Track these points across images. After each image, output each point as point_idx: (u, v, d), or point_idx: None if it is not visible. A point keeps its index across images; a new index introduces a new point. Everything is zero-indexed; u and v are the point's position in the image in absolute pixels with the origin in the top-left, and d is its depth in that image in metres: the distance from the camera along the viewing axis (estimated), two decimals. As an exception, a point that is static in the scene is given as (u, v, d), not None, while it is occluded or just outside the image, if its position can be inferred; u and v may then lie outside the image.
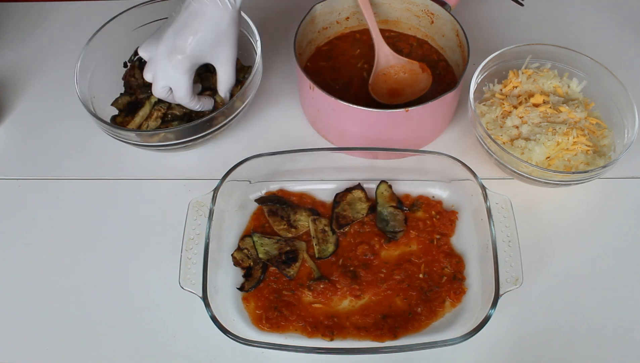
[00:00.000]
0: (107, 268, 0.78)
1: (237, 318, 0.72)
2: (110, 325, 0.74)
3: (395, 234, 0.77)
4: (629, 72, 0.86)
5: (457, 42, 0.87)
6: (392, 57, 0.89)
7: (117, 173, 0.86)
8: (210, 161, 0.86)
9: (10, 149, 0.90)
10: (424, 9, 0.91)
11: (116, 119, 0.86)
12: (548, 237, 0.78)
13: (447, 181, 0.80)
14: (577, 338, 0.71)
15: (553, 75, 0.84)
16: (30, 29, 1.04)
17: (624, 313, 0.73)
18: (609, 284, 0.75)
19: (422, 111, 0.78)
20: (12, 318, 0.75)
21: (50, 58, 1.00)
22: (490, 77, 0.85)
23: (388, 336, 0.70)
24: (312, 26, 0.90)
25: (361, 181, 0.81)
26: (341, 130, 0.84)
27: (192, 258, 0.71)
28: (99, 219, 0.82)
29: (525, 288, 0.70)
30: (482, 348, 0.71)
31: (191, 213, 0.74)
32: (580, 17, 1.03)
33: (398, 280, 0.74)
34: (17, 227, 0.82)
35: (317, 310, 0.72)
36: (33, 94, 0.96)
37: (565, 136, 0.77)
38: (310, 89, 0.80)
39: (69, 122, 0.91)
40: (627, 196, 0.82)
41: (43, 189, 0.85)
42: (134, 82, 0.87)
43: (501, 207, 0.73)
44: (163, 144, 0.79)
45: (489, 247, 0.70)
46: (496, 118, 0.82)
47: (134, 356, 0.72)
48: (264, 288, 0.74)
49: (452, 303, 0.72)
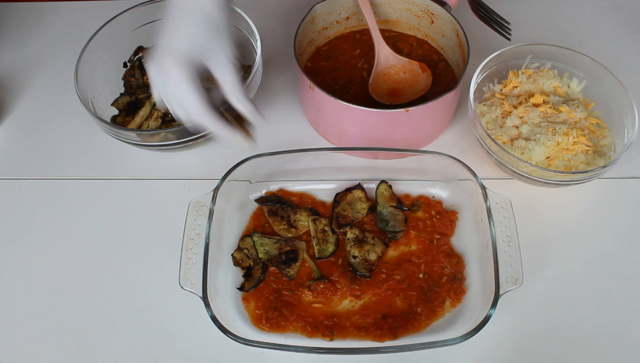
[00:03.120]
0: (107, 268, 0.78)
1: (237, 318, 0.72)
2: (110, 325, 0.74)
3: (395, 234, 0.77)
4: (629, 72, 0.86)
5: (457, 42, 0.87)
6: (392, 57, 0.89)
7: (117, 173, 0.86)
8: (210, 161, 0.86)
9: (10, 149, 0.90)
10: (424, 9, 0.91)
11: (116, 119, 0.86)
12: (548, 237, 0.78)
13: (447, 181, 0.80)
14: (577, 338, 0.71)
15: (553, 75, 0.84)
16: (30, 29, 1.04)
17: (624, 313, 0.73)
18: (609, 284, 0.75)
19: (422, 111, 0.78)
20: (12, 318, 0.75)
21: (50, 58, 1.00)
22: (490, 77, 0.85)
23: (388, 336, 0.70)
24: (312, 26, 0.90)
25: (361, 181, 0.81)
26: (341, 130, 0.84)
27: (192, 258, 0.71)
28: (98, 219, 0.82)
29: (525, 288, 0.70)
30: (482, 348, 0.71)
31: (191, 213, 0.74)
32: (580, 17, 1.03)
33: (398, 280, 0.74)
34: (17, 227, 0.82)
35: (317, 310, 0.72)
36: (33, 94, 0.96)
37: (565, 136, 0.77)
38: (310, 89, 0.80)
39: (69, 122, 0.91)
40: (627, 196, 0.82)
41: (43, 189, 0.85)
42: (134, 82, 0.87)
43: (501, 207, 0.73)
44: (163, 144, 0.79)
45: (489, 247, 0.70)
46: (496, 118, 0.82)
47: (134, 356, 0.72)
48: (264, 288, 0.74)
49: (452, 303, 0.72)
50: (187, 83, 0.63)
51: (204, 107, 0.64)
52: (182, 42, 0.63)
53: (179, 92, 0.63)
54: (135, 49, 0.91)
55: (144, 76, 0.87)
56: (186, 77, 0.63)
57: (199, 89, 0.64)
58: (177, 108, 0.66)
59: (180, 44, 0.63)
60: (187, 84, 0.63)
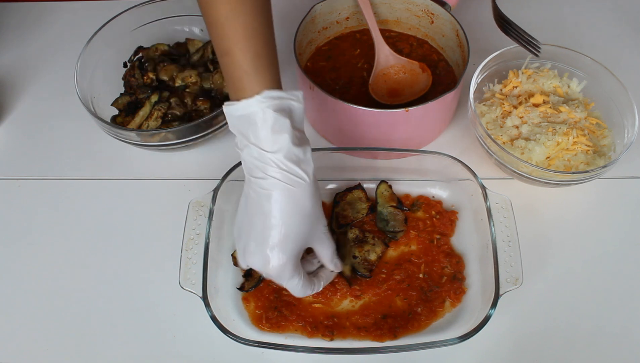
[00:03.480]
0: (107, 268, 0.78)
1: (237, 318, 0.72)
2: (110, 325, 0.74)
3: (395, 234, 0.77)
4: (629, 72, 0.86)
5: (457, 42, 0.87)
6: (392, 57, 0.89)
7: (117, 173, 0.86)
8: (210, 161, 0.86)
9: (10, 149, 0.90)
10: (424, 9, 0.91)
11: (116, 119, 0.86)
12: (548, 237, 0.78)
13: (447, 181, 0.80)
14: (577, 339, 0.71)
15: (553, 75, 0.84)
16: (30, 29, 1.04)
17: (624, 313, 0.73)
18: (609, 284, 0.75)
19: (422, 111, 0.78)
20: (12, 318, 0.75)
21: (50, 58, 1.00)
22: (490, 77, 0.85)
23: (388, 336, 0.70)
24: (312, 26, 0.90)
25: (361, 181, 0.81)
26: (341, 130, 0.84)
27: (192, 258, 0.71)
28: (98, 219, 0.82)
29: (525, 288, 0.70)
30: (482, 348, 0.71)
31: (191, 213, 0.74)
32: (580, 17, 1.03)
33: (398, 280, 0.74)
34: (17, 227, 0.82)
35: (317, 310, 0.72)
36: (33, 94, 0.96)
37: (565, 136, 0.77)
38: (310, 89, 0.80)
39: (69, 122, 0.91)
40: (627, 196, 0.82)
41: (43, 189, 0.85)
42: (134, 82, 0.87)
43: (501, 207, 0.73)
44: (163, 144, 0.79)
45: (489, 247, 0.70)
46: (496, 118, 0.82)
47: (134, 356, 0.72)
48: (264, 288, 0.74)
49: (452, 303, 0.72)
50: (291, 271, 0.63)
51: (305, 287, 0.66)
52: (287, 242, 0.62)
53: (282, 275, 0.64)
54: (135, 49, 0.91)
55: (144, 76, 0.87)
56: (292, 266, 0.63)
57: (300, 272, 0.65)
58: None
59: (285, 244, 0.62)
60: (290, 272, 0.64)
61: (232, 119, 0.60)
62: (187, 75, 0.86)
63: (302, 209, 0.61)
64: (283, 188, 0.60)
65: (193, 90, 0.86)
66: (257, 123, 0.58)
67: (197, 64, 0.89)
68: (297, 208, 0.61)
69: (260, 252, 0.62)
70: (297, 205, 0.61)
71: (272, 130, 0.58)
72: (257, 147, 0.59)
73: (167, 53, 0.91)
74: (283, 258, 0.62)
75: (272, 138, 0.58)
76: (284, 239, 0.61)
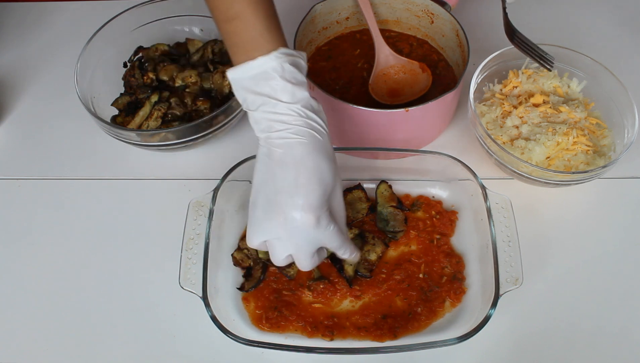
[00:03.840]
0: (107, 268, 0.78)
1: (237, 318, 0.72)
2: (110, 325, 0.74)
3: (395, 234, 0.77)
4: (629, 72, 0.86)
5: (457, 42, 0.87)
6: (392, 57, 0.89)
7: (117, 173, 0.86)
8: (210, 161, 0.86)
9: (10, 149, 0.90)
10: (424, 9, 0.91)
11: (116, 119, 0.86)
12: (548, 237, 0.78)
13: (447, 181, 0.80)
14: (577, 339, 0.71)
15: (553, 75, 0.84)
16: (30, 29, 1.04)
17: (624, 313, 0.73)
18: (609, 284, 0.75)
19: (422, 111, 0.78)
20: (12, 318, 0.75)
21: (50, 58, 1.00)
22: (490, 77, 0.85)
23: (388, 336, 0.70)
24: (312, 26, 0.90)
25: (361, 181, 0.81)
26: (341, 130, 0.84)
27: (192, 258, 0.71)
28: (98, 219, 0.82)
29: (525, 288, 0.70)
30: (482, 348, 0.71)
31: (191, 213, 0.74)
32: (580, 17, 1.03)
33: (398, 280, 0.74)
34: (17, 227, 0.82)
35: (317, 310, 0.72)
36: (33, 94, 0.96)
37: (565, 136, 0.77)
38: (311, 89, 0.80)
39: (69, 122, 0.91)
40: (627, 196, 0.82)
41: (43, 189, 0.85)
42: (134, 82, 0.87)
43: (501, 207, 0.73)
44: (163, 144, 0.79)
45: (489, 247, 0.70)
46: (496, 118, 0.82)
47: (134, 356, 0.72)
48: (264, 288, 0.74)
49: (452, 303, 0.72)
50: (328, 216, 0.62)
51: (343, 234, 0.64)
52: (322, 185, 0.60)
53: (321, 221, 0.61)
54: (135, 49, 0.91)
55: (144, 76, 0.87)
56: (328, 213, 0.62)
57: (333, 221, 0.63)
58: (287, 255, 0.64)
59: (321, 186, 0.60)
60: (327, 218, 0.62)
61: (244, 80, 0.61)
62: (187, 75, 0.86)
63: (329, 155, 0.62)
64: (309, 135, 0.60)
65: (193, 90, 0.86)
66: (276, 77, 0.59)
67: (197, 64, 0.89)
68: (326, 153, 0.62)
69: (294, 201, 0.59)
70: (325, 150, 0.62)
71: (290, 83, 0.60)
72: (276, 100, 0.60)
73: (167, 53, 0.91)
74: (321, 199, 0.60)
75: (291, 90, 0.60)
76: (319, 182, 0.60)
